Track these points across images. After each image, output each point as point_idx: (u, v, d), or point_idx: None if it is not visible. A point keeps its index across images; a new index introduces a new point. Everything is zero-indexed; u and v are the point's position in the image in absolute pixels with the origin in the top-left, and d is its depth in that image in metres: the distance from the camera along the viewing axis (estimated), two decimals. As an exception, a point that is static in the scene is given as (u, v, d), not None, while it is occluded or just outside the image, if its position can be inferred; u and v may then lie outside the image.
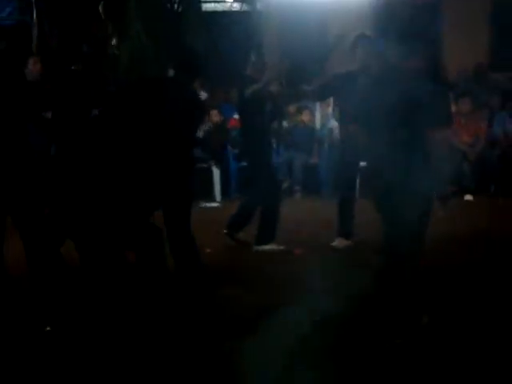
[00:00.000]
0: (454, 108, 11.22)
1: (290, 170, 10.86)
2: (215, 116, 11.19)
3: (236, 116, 11.27)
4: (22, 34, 12.32)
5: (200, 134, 11.13)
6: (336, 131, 10.83)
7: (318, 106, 11.99)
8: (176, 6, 12.80)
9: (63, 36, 10.33)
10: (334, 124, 10.98)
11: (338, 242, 6.99)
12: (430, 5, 13.93)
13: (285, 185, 10.54)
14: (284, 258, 6.67)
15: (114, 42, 11.20)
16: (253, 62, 7.00)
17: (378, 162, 4.65)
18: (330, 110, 11.39)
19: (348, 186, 7.15)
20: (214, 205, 9.40)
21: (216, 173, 10.56)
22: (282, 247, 6.91)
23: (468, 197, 10.35)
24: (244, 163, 8.31)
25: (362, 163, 7.26)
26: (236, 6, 14.15)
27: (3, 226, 5.05)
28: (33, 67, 6.89)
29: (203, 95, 12.79)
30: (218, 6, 14.20)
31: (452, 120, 4.88)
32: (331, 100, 11.45)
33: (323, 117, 11.74)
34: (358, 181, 8.10)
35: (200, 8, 13.29)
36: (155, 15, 12.03)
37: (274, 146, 9.80)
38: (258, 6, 13.71)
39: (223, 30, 13.16)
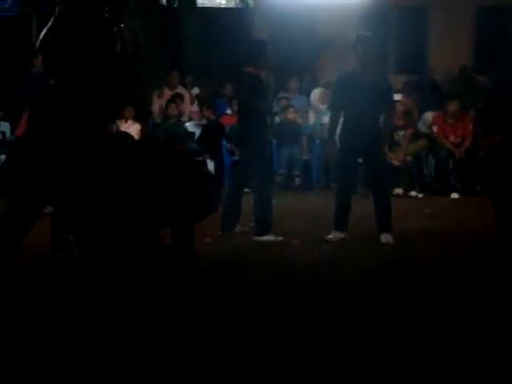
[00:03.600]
0: (441, 110, 11.59)
1: (288, 164, 11.24)
2: (209, 113, 11.42)
3: (229, 112, 11.60)
4: (23, 26, 12.52)
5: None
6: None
7: (311, 103, 12.31)
8: (172, 1, 13.04)
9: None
10: (327, 120, 11.27)
11: (333, 235, 7.24)
12: (417, 9, 14.25)
13: (278, 179, 10.91)
14: (281, 249, 6.91)
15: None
16: (255, 58, 7.25)
17: None
18: (324, 107, 11.69)
19: (346, 180, 7.39)
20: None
21: (210, 166, 10.80)
22: (280, 238, 7.16)
23: (454, 195, 10.69)
24: (237, 157, 8.52)
25: (360, 159, 7.59)
26: (225, 3, 14.38)
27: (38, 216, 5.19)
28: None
29: (195, 90, 13.08)
30: (207, 2, 14.42)
31: None
32: (326, 97, 11.80)
33: (317, 113, 12.03)
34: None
35: (195, 4, 13.51)
36: (152, 11, 12.23)
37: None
38: (250, 3, 13.94)
39: (217, 26, 13.38)
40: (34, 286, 5.42)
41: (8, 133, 11.54)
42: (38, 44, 5.18)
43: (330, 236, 7.22)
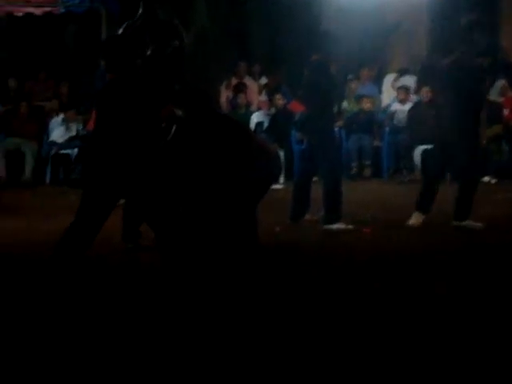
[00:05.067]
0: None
1: (358, 152, 11.20)
2: (279, 99, 11.41)
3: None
4: (92, 22, 12.72)
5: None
6: (400, 115, 11.10)
7: (384, 90, 12.18)
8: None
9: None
10: (397, 107, 11.20)
11: (415, 218, 7.12)
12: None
13: (354, 170, 10.91)
14: (351, 237, 6.87)
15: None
16: (324, 48, 7.24)
17: None
18: (395, 93, 11.57)
19: (439, 163, 7.29)
20: (278, 187, 9.60)
21: (280, 156, 10.77)
22: (350, 226, 7.12)
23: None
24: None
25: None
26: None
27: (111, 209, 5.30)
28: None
29: (263, 80, 13.07)
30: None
31: None
32: (395, 84, 11.70)
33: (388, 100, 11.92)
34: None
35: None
36: (219, 2, 12.30)
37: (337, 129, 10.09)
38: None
39: (284, 14, 13.32)
40: (106, 277, 5.51)
41: (81, 127, 11.75)
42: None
43: (411, 220, 7.12)
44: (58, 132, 11.68)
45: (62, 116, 11.83)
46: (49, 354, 3.83)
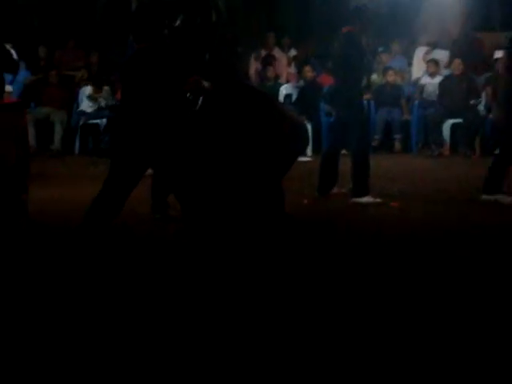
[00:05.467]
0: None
1: (387, 126, 11.12)
2: (308, 72, 11.34)
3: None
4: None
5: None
6: (430, 88, 10.99)
7: (415, 63, 12.07)
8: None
9: None
10: (427, 81, 11.10)
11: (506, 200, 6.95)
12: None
13: (376, 142, 10.83)
14: (380, 210, 6.84)
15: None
16: (359, 20, 7.18)
17: None
18: (425, 67, 11.47)
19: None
20: (306, 159, 9.58)
21: (308, 128, 10.74)
22: (378, 199, 7.09)
23: None
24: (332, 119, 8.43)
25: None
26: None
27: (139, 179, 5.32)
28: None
29: (292, 52, 12.99)
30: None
31: None
32: (427, 57, 11.60)
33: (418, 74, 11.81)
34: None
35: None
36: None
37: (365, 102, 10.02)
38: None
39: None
40: (132, 247, 5.54)
41: (110, 97, 11.75)
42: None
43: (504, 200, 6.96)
44: (87, 102, 11.72)
45: (91, 86, 11.85)
46: (75, 318, 3.89)
